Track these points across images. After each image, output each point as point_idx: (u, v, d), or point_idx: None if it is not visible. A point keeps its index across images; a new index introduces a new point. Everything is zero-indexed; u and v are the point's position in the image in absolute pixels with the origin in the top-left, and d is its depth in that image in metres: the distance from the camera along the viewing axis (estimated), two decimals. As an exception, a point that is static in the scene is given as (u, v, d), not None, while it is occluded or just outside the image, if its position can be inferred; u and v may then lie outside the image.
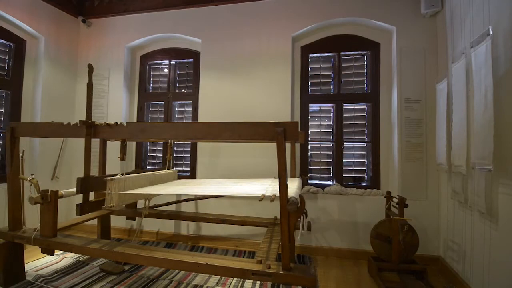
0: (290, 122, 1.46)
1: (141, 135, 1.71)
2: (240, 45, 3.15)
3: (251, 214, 2.68)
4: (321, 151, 3.08)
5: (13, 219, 2.08)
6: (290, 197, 1.45)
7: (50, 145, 3.29)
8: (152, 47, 3.58)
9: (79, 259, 2.57)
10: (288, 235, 1.45)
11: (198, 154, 3.20)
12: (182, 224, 3.18)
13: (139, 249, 1.72)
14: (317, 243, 2.83)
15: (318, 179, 3.05)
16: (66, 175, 3.46)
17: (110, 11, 3.59)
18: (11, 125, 2.04)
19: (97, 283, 2.15)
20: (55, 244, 1.87)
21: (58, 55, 3.42)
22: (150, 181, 2.12)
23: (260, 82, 3.07)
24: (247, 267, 1.50)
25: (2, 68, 3.00)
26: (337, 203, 2.81)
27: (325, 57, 3.13)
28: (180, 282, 2.17)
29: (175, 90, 3.51)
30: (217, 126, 1.58)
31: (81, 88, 3.64)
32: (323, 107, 3.11)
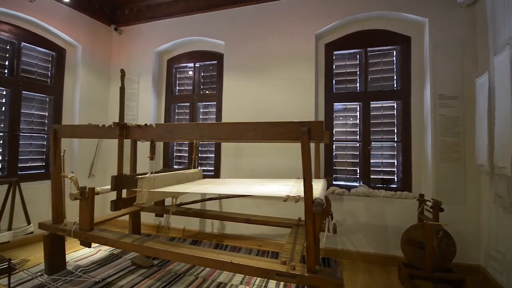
0: (315, 122, 1.43)
1: (169, 136, 1.78)
2: (262, 45, 3.15)
3: (274, 214, 2.67)
4: (347, 151, 2.98)
5: (56, 213, 2.28)
6: (315, 198, 1.43)
7: (87, 145, 3.55)
8: (178, 51, 3.72)
9: (112, 252, 2.74)
10: (314, 237, 1.42)
11: (222, 154, 3.26)
12: (207, 222, 3.26)
13: (167, 245, 1.79)
14: (343, 246, 2.75)
15: (343, 180, 2.95)
16: (101, 173, 3.71)
17: (139, 19, 3.79)
18: (54, 127, 2.23)
19: (129, 275, 2.27)
20: (92, 237, 2.01)
21: (93, 61, 3.68)
22: (177, 180, 2.20)
23: (283, 81, 3.05)
24: (272, 267, 1.50)
25: (46, 75, 3.29)
26: (364, 206, 2.71)
27: (350, 54, 3.02)
28: (205, 279, 2.22)
29: (200, 91, 3.61)
30: (241, 126, 1.59)
31: (114, 92, 3.89)
32: (348, 105, 3.01)
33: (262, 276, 1.54)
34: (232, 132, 1.62)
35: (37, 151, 3.19)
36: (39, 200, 2.96)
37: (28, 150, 3.10)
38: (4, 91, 2.89)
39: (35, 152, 3.17)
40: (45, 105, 3.29)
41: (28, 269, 2.33)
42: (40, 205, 2.95)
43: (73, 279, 2.18)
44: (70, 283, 2.11)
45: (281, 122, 1.50)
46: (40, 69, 3.21)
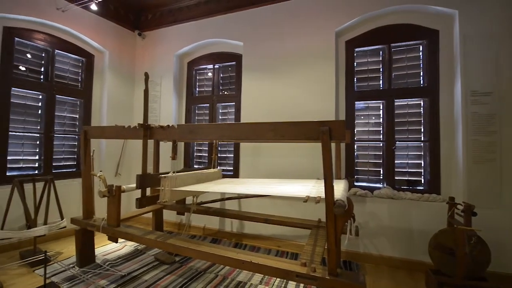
0: (336, 121, 1.40)
1: (190, 136, 1.82)
2: (281, 44, 3.13)
3: (293, 215, 2.64)
4: (369, 151, 2.88)
5: (86, 209, 2.42)
6: (336, 199, 1.39)
7: (114, 145, 3.74)
8: (197, 53, 3.80)
9: (137, 248, 2.86)
10: (335, 239, 1.39)
11: (241, 154, 3.28)
12: (226, 221, 3.30)
13: (188, 242, 1.84)
14: (365, 250, 2.66)
15: (365, 181, 2.86)
16: (127, 172, 3.89)
17: (161, 23, 3.92)
18: (84, 129, 2.37)
19: (153, 270, 2.36)
20: (119, 233, 2.11)
21: (119, 66, 3.87)
22: (197, 179, 2.25)
23: (302, 81, 3.01)
24: (292, 268, 1.48)
25: (76, 80, 3.51)
26: (388, 208, 2.60)
27: (372, 51, 2.92)
28: (225, 277, 2.25)
29: (219, 92, 3.67)
30: (260, 126, 1.59)
31: (138, 94, 4.06)
32: (370, 104, 2.91)
33: (281, 277, 1.53)
34: (252, 132, 1.62)
35: (69, 151, 3.41)
36: (70, 196, 3.16)
37: (61, 150, 3.32)
38: (40, 96, 3.13)
39: (67, 152, 3.39)
40: (76, 108, 3.51)
41: (61, 261, 2.50)
42: (72, 201, 3.15)
43: (102, 272, 2.30)
44: (99, 276, 2.24)
45: (301, 122, 1.48)
46: (71, 74, 3.44)
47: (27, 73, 3.01)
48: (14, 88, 2.88)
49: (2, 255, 2.60)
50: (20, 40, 2.92)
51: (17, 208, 2.53)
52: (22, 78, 2.96)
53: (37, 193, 2.65)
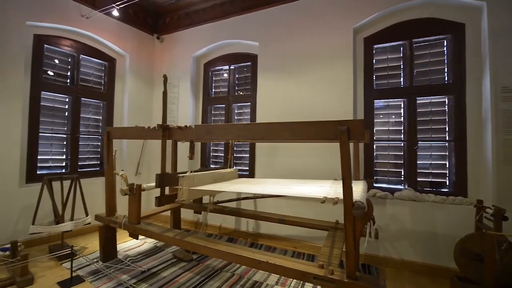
0: (355, 120, 1.36)
1: (207, 136, 1.85)
2: (297, 43, 3.10)
3: (309, 216, 2.61)
4: (389, 151, 2.78)
5: (109, 207, 2.53)
6: (355, 200, 1.36)
7: (134, 145, 3.88)
8: (213, 55, 3.85)
9: (156, 245, 2.95)
10: (354, 241, 1.35)
11: (257, 154, 3.29)
12: (242, 220, 3.32)
13: (205, 241, 1.87)
14: (386, 253, 2.57)
15: (385, 183, 2.76)
16: (146, 171, 4.02)
17: (178, 26, 4.02)
18: (107, 130, 2.48)
19: (171, 267, 2.42)
20: (139, 230, 2.18)
21: (139, 69, 4.01)
22: (214, 179, 2.28)
23: (319, 80, 2.96)
24: (308, 270, 1.46)
25: (100, 83, 3.68)
26: (410, 211, 2.50)
27: (393, 47, 2.82)
28: (241, 277, 2.26)
29: (235, 93, 3.69)
30: (276, 126, 1.59)
31: (157, 96, 4.18)
32: (391, 102, 2.81)
33: (298, 278, 1.51)
34: (268, 132, 1.62)
35: (93, 151, 3.58)
36: (94, 194, 3.32)
37: (86, 150, 3.50)
38: (67, 98, 3.31)
39: (91, 152, 3.56)
40: (99, 109, 3.68)
41: (86, 256, 2.63)
42: (95, 199, 3.30)
43: (123, 267, 2.40)
44: (120, 271, 2.33)
45: (318, 122, 1.46)
46: (95, 78, 3.60)
47: (55, 77, 3.20)
48: (43, 92, 3.06)
49: (33, 248, 2.77)
50: (48, 46, 3.11)
51: (46, 204, 2.69)
52: (51, 82, 3.14)
53: (64, 191, 2.80)
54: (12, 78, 2.75)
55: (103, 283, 2.12)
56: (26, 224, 2.74)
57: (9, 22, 2.72)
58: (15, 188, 2.76)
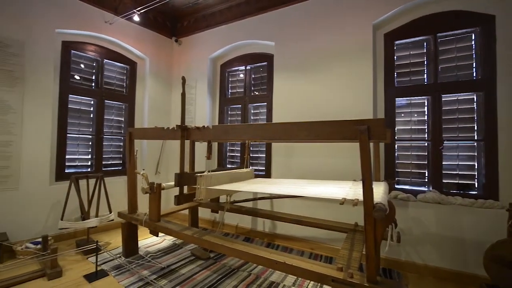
0: (375, 120, 1.32)
1: (224, 136, 1.87)
2: (313, 42, 3.06)
3: (327, 217, 2.56)
4: (412, 151, 2.67)
5: (131, 204, 2.63)
6: (376, 202, 1.31)
7: (154, 145, 4.00)
8: (230, 56, 3.89)
9: (175, 242, 3.02)
10: (375, 244, 1.31)
11: (273, 154, 3.28)
12: (258, 220, 3.32)
13: (223, 240, 1.89)
14: (408, 258, 2.47)
15: (408, 184, 2.65)
16: (165, 170, 4.13)
17: (195, 29, 4.09)
18: (129, 130, 2.58)
19: (189, 265, 2.47)
20: (159, 228, 2.25)
21: (158, 71, 4.13)
22: (230, 179, 2.30)
23: (337, 78, 2.90)
24: (327, 272, 1.44)
25: (122, 86, 3.83)
26: (435, 214, 2.38)
27: (415, 43, 2.70)
28: (258, 276, 2.26)
29: (251, 93, 3.71)
30: (293, 126, 1.57)
31: (175, 97, 4.29)
32: (413, 100, 2.69)
33: (316, 281, 1.49)
34: (284, 132, 1.61)
35: (115, 151, 3.74)
36: (117, 192, 3.46)
37: (109, 150, 3.66)
38: (92, 101, 3.48)
39: (114, 151, 3.72)
40: (121, 111, 3.84)
41: (110, 251, 2.75)
42: (118, 197, 3.45)
43: (144, 263, 2.48)
44: (141, 267, 2.41)
45: (336, 121, 1.43)
46: (117, 81, 3.76)
47: (81, 81, 3.37)
48: (71, 95, 3.24)
49: (62, 242, 2.94)
50: (75, 52, 3.28)
51: (74, 201, 2.84)
52: (77, 86, 3.32)
53: (90, 189, 2.95)
54: (43, 82, 2.93)
55: (126, 278, 2.20)
56: (56, 219, 2.91)
57: (41, 30, 2.91)
58: (46, 186, 2.94)
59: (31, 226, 2.81)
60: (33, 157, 2.85)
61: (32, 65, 2.84)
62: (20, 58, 2.76)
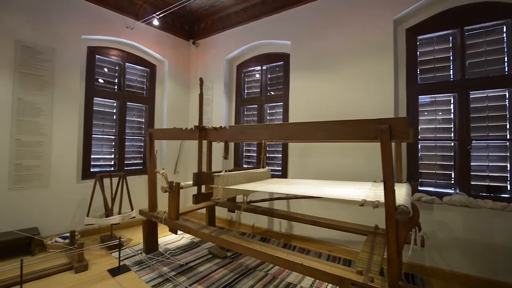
0: (397, 118, 1.28)
1: (241, 137, 1.89)
2: (331, 40, 3.00)
3: (344, 218, 2.50)
4: (436, 151, 2.54)
5: (151, 203, 2.72)
6: (398, 204, 1.26)
7: (172, 145, 4.11)
8: (246, 56, 3.91)
9: (193, 240, 3.08)
10: (397, 248, 1.26)
11: (289, 154, 3.25)
12: (275, 221, 3.31)
13: (240, 239, 1.90)
14: (433, 263, 2.35)
15: (432, 186, 2.53)
16: (183, 170, 4.23)
17: (212, 31, 4.16)
18: (150, 131, 2.66)
19: (207, 263, 2.51)
20: (178, 226, 2.31)
21: (176, 73, 4.24)
22: (247, 179, 2.31)
23: (355, 76, 2.82)
24: (346, 275, 1.40)
25: (142, 88, 3.97)
26: (462, 218, 2.25)
27: (440, 37, 2.56)
28: (275, 277, 2.25)
29: (267, 93, 3.70)
30: (310, 126, 1.55)
31: (192, 98, 4.38)
32: (438, 98, 2.56)
33: (334, 283, 1.46)
34: (302, 132, 1.59)
35: (136, 151, 3.88)
36: (137, 191, 3.59)
37: (130, 150, 3.80)
38: (115, 103, 3.63)
39: (135, 151, 3.86)
40: (142, 112, 3.98)
41: (131, 247, 2.86)
42: (138, 195, 3.57)
43: (163, 259, 2.55)
44: (161, 263, 2.49)
45: (355, 121, 1.39)
46: (138, 83, 3.90)
47: (105, 84, 3.54)
48: (95, 98, 3.41)
49: (87, 237, 3.10)
50: (99, 57, 3.45)
51: (98, 199, 2.98)
52: (101, 89, 3.48)
53: (113, 187, 3.08)
54: (71, 86, 3.11)
55: (146, 274, 2.28)
56: (82, 216, 3.07)
57: (68, 37, 3.08)
58: (73, 184, 3.11)
59: (60, 222, 2.99)
60: (62, 157, 3.02)
61: (60, 70, 3.02)
62: (50, 63, 2.94)
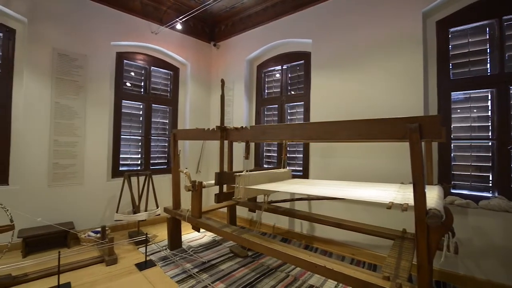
0: (429, 117, 1.20)
1: (262, 137, 1.89)
2: (354, 36, 2.90)
3: (368, 221, 2.40)
4: (472, 151, 2.36)
5: (175, 201, 2.81)
6: (429, 208, 1.19)
7: (195, 145, 4.22)
8: (266, 56, 3.91)
9: (215, 239, 3.14)
10: (428, 254, 1.19)
11: (311, 154, 3.20)
12: (296, 221, 3.27)
13: (261, 239, 1.90)
14: (467, 272, 2.19)
15: (467, 189, 2.35)
16: (205, 169, 4.33)
17: (233, 32, 4.20)
18: (173, 132, 2.76)
19: (228, 261, 2.55)
20: (201, 224, 2.36)
21: (198, 75, 4.35)
22: (268, 179, 2.30)
23: (380, 73, 2.71)
24: (372, 280, 1.35)
25: (166, 91, 4.12)
26: (502, 223, 2.07)
27: (475, 29, 2.38)
28: (296, 278, 2.23)
29: (287, 93, 3.67)
30: (334, 125, 1.52)
31: (214, 99, 4.47)
32: (473, 94, 2.38)
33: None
34: (324, 132, 1.56)
35: (161, 151, 4.04)
36: (162, 189, 3.73)
37: (155, 150, 3.96)
38: (141, 105, 3.80)
39: (160, 151, 4.02)
40: (166, 114, 4.13)
41: (157, 243, 2.98)
42: (163, 193, 3.71)
43: (187, 256, 2.63)
44: (184, 260, 2.56)
45: (382, 119, 1.33)
46: (162, 86, 4.05)
47: (132, 87, 3.72)
48: (123, 101, 3.60)
49: (116, 233, 3.28)
50: (127, 61, 3.63)
51: (126, 196, 3.14)
52: (129, 92, 3.67)
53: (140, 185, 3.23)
54: (101, 90, 3.30)
55: (171, 269, 2.36)
56: (112, 212, 3.26)
57: (99, 44, 3.28)
58: (104, 182, 3.31)
59: (92, 217, 3.19)
60: (94, 156, 3.22)
61: (92, 75, 3.22)
62: (83, 69, 3.14)
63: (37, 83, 2.85)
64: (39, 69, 2.85)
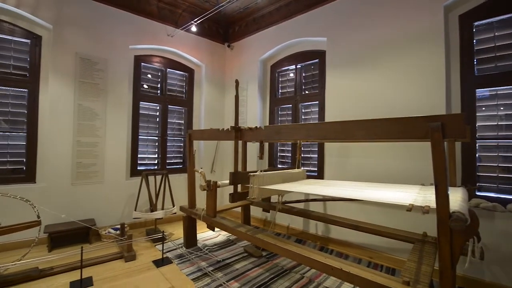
0: (452, 115, 1.15)
1: (276, 137, 1.88)
2: (370, 33, 2.83)
3: (386, 224, 2.33)
4: (499, 152, 2.23)
5: (191, 200, 2.86)
6: (453, 211, 1.14)
7: (209, 145, 4.28)
8: (280, 56, 3.89)
9: (229, 238, 3.17)
10: (451, 259, 1.14)
11: (326, 154, 3.15)
12: (310, 222, 3.24)
13: (276, 239, 1.90)
14: (494, 279, 2.07)
15: (493, 191, 2.22)
16: (220, 169, 4.38)
17: (246, 33, 4.22)
18: (189, 132, 2.81)
19: (242, 261, 2.56)
20: (216, 223, 2.39)
21: (213, 76, 4.40)
22: (282, 179, 2.29)
23: (399, 71, 2.62)
24: (391, 285, 1.31)
25: (181, 92, 4.20)
26: (533, 228, 1.94)
27: (501, 22, 2.25)
28: (311, 280, 2.20)
29: (301, 92, 3.64)
30: (350, 125, 1.48)
31: (228, 100, 4.51)
32: (500, 91, 2.25)
33: (377, 292, 1.37)
34: (340, 132, 1.53)
35: (177, 151, 4.12)
36: (178, 188, 3.80)
37: (171, 150, 4.05)
38: (158, 106, 3.91)
39: (175, 151, 4.11)
40: (181, 115, 4.21)
41: (173, 241, 3.04)
42: (179, 192, 3.79)
43: (202, 255, 2.67)
44: (200, 258, 2.60)
45: (401, 118, 1.29)
46: (178, 87, 4.14)
47: (149, 89, 3.82)
48: (141, 102, 3.71)
49: (134, 230, 3.39)
50: (144, 64, 3.74)
51: (144, 195, 3.24)
52: (146, 94, 3.77)
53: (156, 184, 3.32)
54: (120, 92, 3.43)
55: (186, 267, 2.41)
56: (130, 210, 3.37)
57: (119, 48, 3.40)
58: (123, 181, 3.42)
59: (112, 214, 3.31)
60: (114, 156, 3.35)
61: (112, 78, 3.34)
62: (104, 72, 3.27)
63: (61, 87, 3.00)
64: (63, 73, 3.00)
